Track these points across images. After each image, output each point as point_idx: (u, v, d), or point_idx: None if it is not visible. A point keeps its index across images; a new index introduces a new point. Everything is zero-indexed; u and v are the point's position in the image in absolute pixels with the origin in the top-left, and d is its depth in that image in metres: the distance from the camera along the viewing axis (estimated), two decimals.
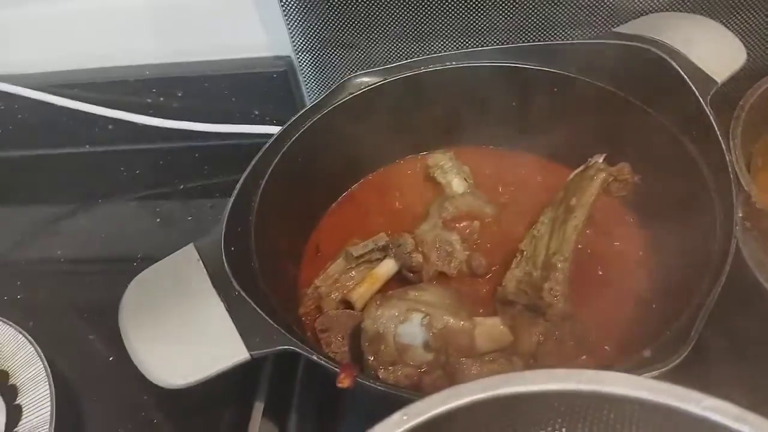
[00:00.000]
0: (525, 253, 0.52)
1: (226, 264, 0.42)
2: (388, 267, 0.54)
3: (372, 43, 0.68)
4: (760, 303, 0.40)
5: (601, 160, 0.52)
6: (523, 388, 0.30)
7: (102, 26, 0.70)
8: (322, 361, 0.38)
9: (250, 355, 0.38)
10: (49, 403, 0.48)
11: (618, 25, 0.59)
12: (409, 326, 0.42)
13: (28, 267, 0.69)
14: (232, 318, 0.40)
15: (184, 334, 0.40)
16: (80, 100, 0.71)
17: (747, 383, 0.29)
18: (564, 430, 0.31)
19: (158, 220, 0.70)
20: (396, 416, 0.29)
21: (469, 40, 0.67)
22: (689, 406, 0.28)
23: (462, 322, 0.42)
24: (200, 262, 0.43)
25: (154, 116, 0.71)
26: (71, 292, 0.65)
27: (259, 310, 0.40)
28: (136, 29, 0.70)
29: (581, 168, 0.53)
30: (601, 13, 0.61)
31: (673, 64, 0.50)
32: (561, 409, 0.31)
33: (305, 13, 0.65)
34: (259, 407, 0.50)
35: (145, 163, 0.76)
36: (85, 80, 0.73)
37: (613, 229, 0.53)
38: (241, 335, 0.39)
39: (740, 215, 0.44)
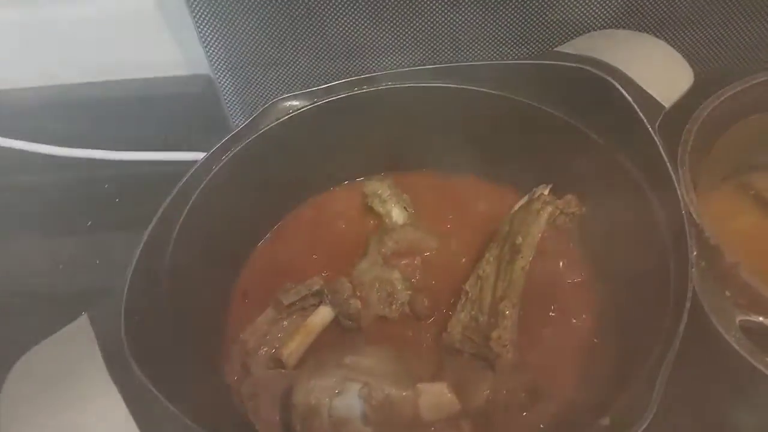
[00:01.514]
0: (470, 295, 0.48)
1: (126, 343, 0.36)
2: (323, 316, 0.49)
3: (298, 60, 0.62)
4: (717, 355, 0.37)
5: (546, 192, 0.49)
6: None
7: None
8: None
9: None
10: None
11: (560, 44, 0.56)
12: (345, 398, 0.38)
13: None
14: (130, 410, 0.33)
15: (72, 428, 0.33)
16: None
17: None
18: None
19: (61, 264, 0.62)
20: None
21: (402, 57, 0.62)
22: None
23: (404, 392, 0.38)
24: (94, 339, 0.36)
25: (57, 145, 0.63)
26: None
27: (168, 403, 0.34)
28: (34, 47, 0.62)
29: (526, 199, 0.50)
30: (541, 31, 0.58)
31: (620, 88, 0.47)
32: None
33: (222, 29, 0.59)
34: None
35: (47, 196, 0.68)
36: None
37: (562, 266, 0.50)
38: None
39: (694, 253, 0.41)
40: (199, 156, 0.65)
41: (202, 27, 0.59)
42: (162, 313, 0.42)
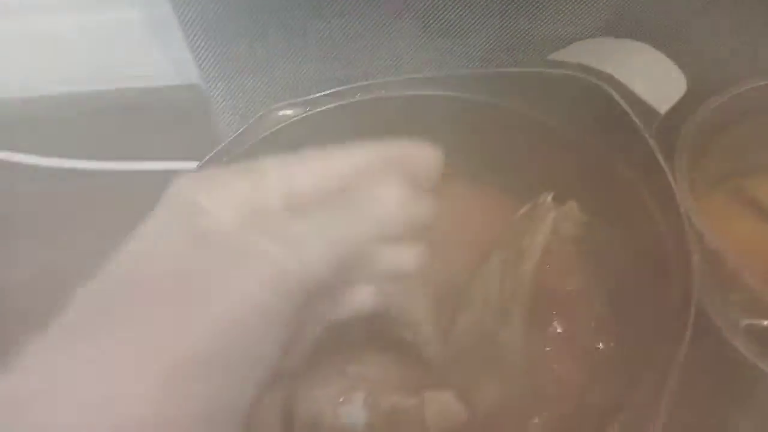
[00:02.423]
0: (475, 297, 0.48)
1: None
2: None
3: (290, 69, 0.62)
4: (725, 360, 0.37)
5: (549, 199, 0.49)
6: None
7: None
8: None
9: None
10: None
11: (552, 52, 0.56)
12: (350, 407, 0.37)
13: None
14: None
15: None
16: None
17: None
18: None
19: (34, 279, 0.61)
20: None
21: (395, 64, 0.62)
22: None
23: (410, 401, 0.37)
24: None
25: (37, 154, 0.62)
26: None
27: None
28: (16, 56, 0.61)
29: (528, 207, 0.50)
30: (533, 39, 0.58)
31: (615, 95, 0.47)
32: None
33: (213, 37, 0.58)
34: None
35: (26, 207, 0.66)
36: None
37: (564, 273, 0.50)
38: None
39: (696, 258, 0.41)
40: (184, 166, 0.66)
41: (191, 36, 0.58)
42: None
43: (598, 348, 0.46)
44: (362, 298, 0.35)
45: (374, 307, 0.36)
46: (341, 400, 0.38)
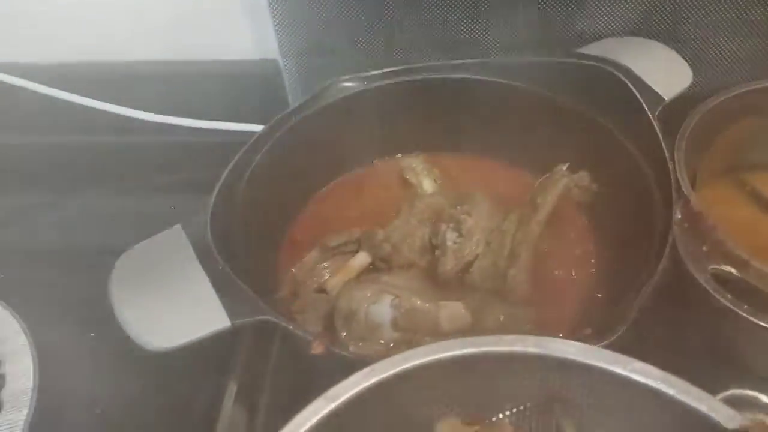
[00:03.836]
0: (492, 245, 0.57)
1: (212, 242, 0.46)
2: (361, 259, 0.57)
3: (356, 50, 0.72)
4: (693, 294, 0.45)
5: (564, 168, 0.57)
6: (475, 349, 0.34)
7: (85, 20, 0.73)
8: (297, 331, 0.42)
9: (231, 323, 0.41)
10: (32, 373, 0.50)
11: (579, 47, 0.65)
12: (379, 306, 0.46)
13: (6, 253, 0.69)
14: (215, 290, 0.43)
15: (171, 302, 0.43)
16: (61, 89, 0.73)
17: (678, 363, 0.34)
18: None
19: (140, 212, 0.73)
20: (366, 369, 0.33)
21: (442, 53, 0.71)
22: (617, 368, 0.33)
23: (428, 304, 0.46)
24: (187, 240, 0.46)
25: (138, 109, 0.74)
26: (52, 276, 0.66)
27: (242, 284, 0.43)
28: (123, 26, 0.73)
29: (547, 175, 0.58)
30: (565, 36, 0.67)
31: (626, 82, 0.55)
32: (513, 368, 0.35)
33: (293, 18, 0.69)
34: (233, 385, 0.53)
35: (127, 156, 0.79)
36: (66, 72, 0.75)
37: (568, 229, 0.58)
38: (223, 305, 0.42)
39: (679, 216, 0.49)
40: (257, 128, 0.76)
41: (277, 17, 0.69)
42: (234, 236, 0.52)
43: (591, 292, 0.54)
44: None
45: None
46: (373, 300, 0.47)
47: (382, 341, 0.46)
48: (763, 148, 0.64)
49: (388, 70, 0.65)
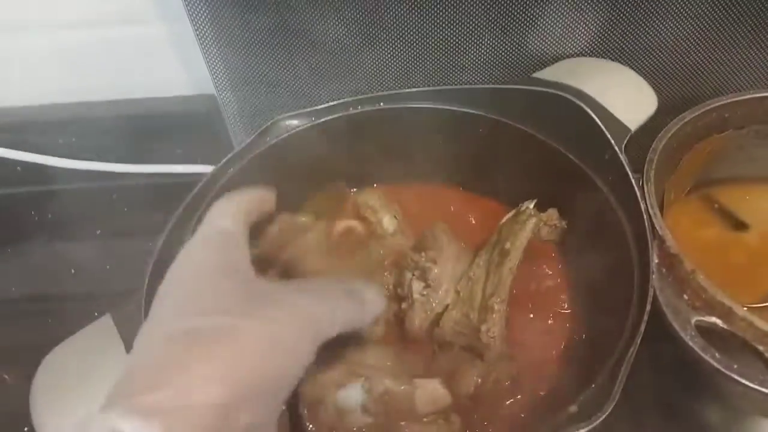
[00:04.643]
0: (461, 294, 0.53)
1: None
2: None
3: (298, 81, 0.67)
4: (675, 352, 0.42)
5: (531, 206, 0.54)
6: None
7: (10, 65, 0.66)
8: None
9: None
10: None
11: (536, 71, 0.61)
12: (348, 390, 0.42)
13: None
14: None
15: None
16: None
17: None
18: None
19: (73, 268, 0.66)
20: None
21: (392, 79, 0.67)
22: None
23: (402, 386, 0.43)
24: (118, 337, 0.41)
25: (68, 158, 0.67)
26: None
27: None
28: (49, 68, 0.66)
29: (512, 213, 0.55)
30: (519, 58, 0.63)
31: (589, 112, 0.52)
32: None
33: (226, 52, 0.63)
34: None
35: (59, 206, 0.72)
36: None
37: (542, 274, 0.55)
38: None
39: (656, 261, 0.46)
40: (200, 169, 0.71)
41: (207, 49, 0.63)
42: None
43: (572, 339, 0.51)
44: None
45: None
46: (341, 383, 0.43)
47: (354, 429, 0.42)
48: (728, 162, 0.63)
49: (336, 102, 0.60)
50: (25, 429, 0.52)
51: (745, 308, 0.43)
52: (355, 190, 0.66)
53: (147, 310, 0.43)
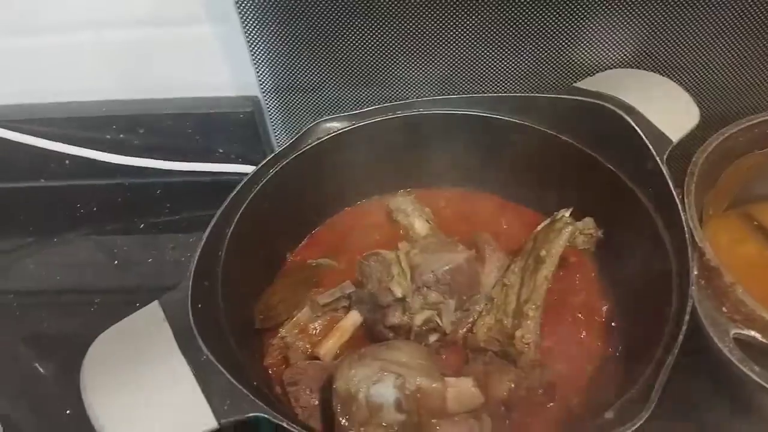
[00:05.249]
0: (495, 300, 0.53)
1: (193, 325, 0.42)
2: (353, 318, 0.54)
3: (339, 87, 0.68)
4: (712, 363, 0.42)
5: (567, 214, 0.54)
6: None
7: (63, 62, 0.68)
8: (293, 428, 0.38)
9: (218, 422, 0.37)
10: None
11: (578, 80, 0.61)
12: (381, 387, 0.42)
13: None
14: (199, 383, 0.39)
15: (149, 399, 0.39)
16: (38, 136, 0.68)
17: None
18: None
19: (116, 260, 0.68)
20: None
21: (432, 87, 0.68)
22: None
23: (434, 384, 0.43)
24: (166, 322, 0.42)
25: (115, 153, 0.70)
26: (22, 330, 0.63)
27: (228, 376, 0.39)
28: (98, 65, 0.69)
29: (548, 220, 0.55)
30: (562, 68, 0.63)
31: (632, 123, 0.52)
32: None
33: (273, 55, 0.65)
34: None
35: (104, 199, 0.74)
36: (45, 116, 0.71)
37: (578, 283, 0.55)
38: (208, 401, 0.38)
39: (695, 273, 0.46)
40: (242, 169, 0.72)
41: (255, 53, 0.65)
42: (216, 306, 0.47)
43: (606, 350, 0.50)
44: None
45: None
46: (374, 380, 0.43)
47: (384, 424, 0.42)
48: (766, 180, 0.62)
49: (376, 107, 0.61)
50: (67, 411, 0.54)
51: None
52: (388, 194, 0.66)
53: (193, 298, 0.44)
